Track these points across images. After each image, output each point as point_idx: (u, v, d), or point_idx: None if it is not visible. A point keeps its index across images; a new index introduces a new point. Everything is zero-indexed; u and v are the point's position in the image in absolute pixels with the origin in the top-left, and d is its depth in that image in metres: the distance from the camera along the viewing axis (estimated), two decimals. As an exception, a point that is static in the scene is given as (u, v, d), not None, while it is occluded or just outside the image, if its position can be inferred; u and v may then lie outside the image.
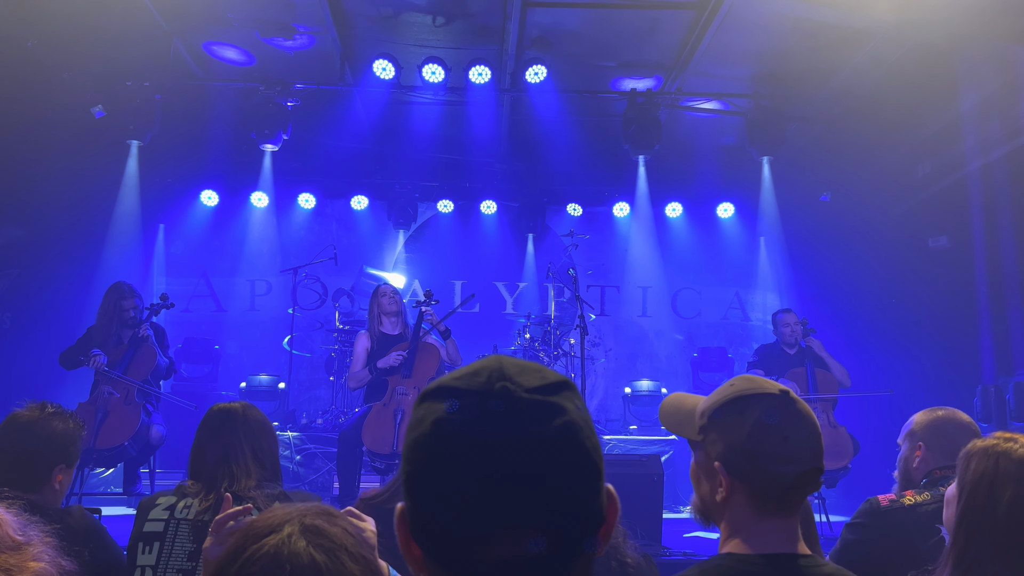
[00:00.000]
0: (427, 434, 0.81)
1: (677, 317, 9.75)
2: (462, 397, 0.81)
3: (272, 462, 2.39)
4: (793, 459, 1.41)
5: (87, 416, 5.18)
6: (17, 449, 2.24)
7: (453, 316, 9.19)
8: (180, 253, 9.33)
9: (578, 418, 0.82)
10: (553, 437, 0.79)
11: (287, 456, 6.82)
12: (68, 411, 2.38)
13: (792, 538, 1.44)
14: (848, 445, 5.88)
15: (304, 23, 7.02)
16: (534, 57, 7.35)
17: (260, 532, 1.04)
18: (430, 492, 0.79)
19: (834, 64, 7.10)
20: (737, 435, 1.43)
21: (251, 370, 8.22)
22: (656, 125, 7.62)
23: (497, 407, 0.79)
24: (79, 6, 6.31)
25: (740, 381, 1.53)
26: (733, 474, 1.44)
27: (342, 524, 1.09)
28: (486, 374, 0.83)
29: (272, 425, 2.47)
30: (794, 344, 6.49)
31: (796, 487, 1.42)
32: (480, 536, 0.77)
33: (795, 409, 1.45)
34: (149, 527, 2.21)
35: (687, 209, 9.58)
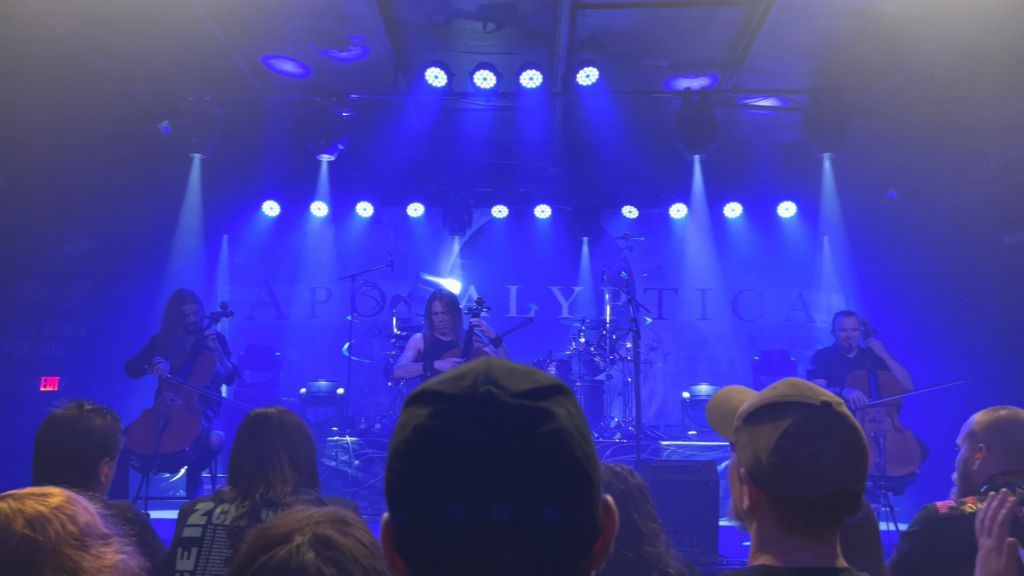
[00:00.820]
0: (407, 440, 0.77)
1: (738, 320, 9.54)
2: (445, 401, 0.78)
3: (309, 467, 2.39)
4: (819, 478, 1.29)
5: (150, 422, 5.35)
6: (62, 448, 2.31)
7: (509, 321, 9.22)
8: (243, 262, 9.57)
9: (568, 424, 0.78)
10: (539, 444, 0.75)
11: (346, 461, 6.91)
12: (104, 406, 2.45)
13: (827, 556, 1.34)
14: (915, 450, 5.65)
15: (358, 34, 7.13)
16: (585, 59, 7.29)
17: (271, 541, 1.03)
18: (410, 501, 0.76)
19: (897, 55, 6.84)
20: (764, 444, 1.33)
21: (311, 376, 8.36)
22: (711, 124, 7.49)
23: (480, 412, 0.76)
24: (144, 25, 6.53)
25: (784, 385, 1.42)
26: (758, 484, 1.35)
27: (355, 534, 1.08)
28: (471, 377, 0.79)
29: (309, 431, 2.48)
30: (852, 348, 6.27)
31: (822, 508, 1.30)
32: (462, 548, 0.74)
33: (833, 424, 1.32)
34: (188, 532, 2.25)
35: (747, 209, 9.37)
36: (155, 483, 6.57)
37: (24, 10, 6.19)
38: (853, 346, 6.30)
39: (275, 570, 0.99)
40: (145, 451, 5.24)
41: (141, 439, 5.31)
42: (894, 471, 5.64)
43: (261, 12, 6.81)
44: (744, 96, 7.83)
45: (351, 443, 6.96)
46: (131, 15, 6.38)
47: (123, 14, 6.36)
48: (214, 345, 5.83)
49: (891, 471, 5.63)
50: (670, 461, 6.32)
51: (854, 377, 6.02)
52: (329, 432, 7.18)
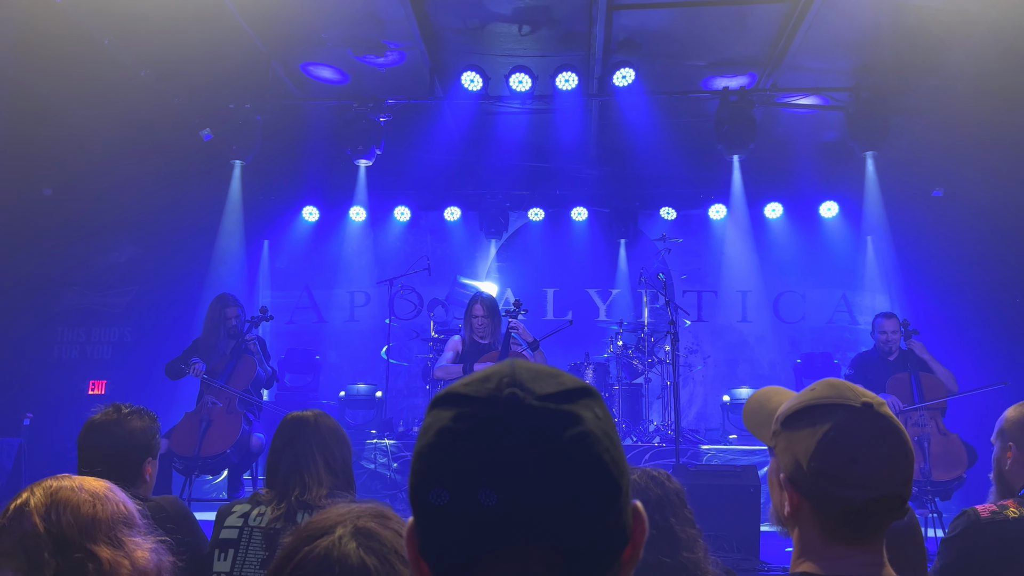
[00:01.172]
0: (430, 444, 0.76)
1: (779, 322, 9.40)
2: (469, 404, 0.76)
3: (344, 470, 2.40)
4: (862, 484, 1.23)
5: (192, 425, 5.44)
6: (105, 451, 2.35)
7: (546, 324, 9.19)
8: (283, 267, 9.70)
9: (596, 428, 0.75)
10: (565, 448, 0.73)
11: (384, 464, 6.95)
12: (142, 407, 2.49)
13: (873, 563, 1.29)
14: (961, 454, 5.48)
15: (394, 39, 7.18)
16: (621, 60, 7.25)
17: (313, 534, 1.07)
18: (433, 507, 0.74)
19: (941, 50, 6.68)
20: (804, 449, 1.28)
21: (350, 379, 8.43)
22: (751, 123, 7.39)
23: (504, 416, 0.74)
24: (186, 35, 6.66)
25: (822, 386, 1.36)
26: (799, 489, 1.30)
27: (394, 527, 1.10)
28: (496, 379, 0.77)
29: (345, 433, 2.49)
30: (892, 351, 6.12)
31: (866, 515, 1.25)
32: (486, 555, 0.72)
33: (875, 426, 1.27)
34: (225, 534, 2.27)
35: (787, 209, 9.22)
36: (197, 485, 6.67)
37: (71, 22, 6.35)
38: (893, 348, 6.16)
39: (318, 560, 1.01)
40: (187, 453, 5.33)
41: (183, 441, 5.41)
42: (940, 476, 5.48)
43: (300, 20, 6.91)
44: (784, 95, 7.72)
45: (389, 446, 7.00)
46: (173, 26, 6.51)
47: (166, 25, 6.50)
48: (255, 348, 5.92)
49: (937, 476, 5.48)
50: (710, 465, 6.25)
51: (895, 380, 5.86)
52: (368, 435, 7.23)
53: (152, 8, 6.32)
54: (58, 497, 1.42)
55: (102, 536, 1.41)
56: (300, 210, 9.43)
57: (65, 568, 1.36)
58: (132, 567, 1.41)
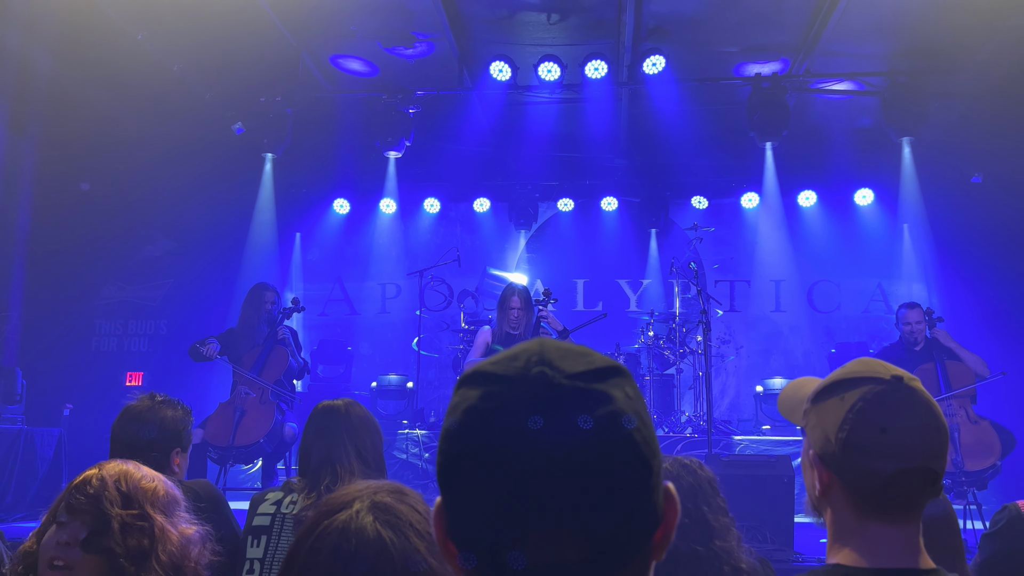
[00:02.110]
0: (458, 423, 0.75)
1: (814, 311, 9.27)
2: (496, 383, 0.74)
3: (376, 459, 2.41)
4: (891, 454, 1.22)
5: (226, 415, 5.52)
6: (136, 438, 2.39)
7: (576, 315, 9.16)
8: (316, 259, 9.78)
9: (626, 407, 0.74)
10: (594, 428, 0.71)
11: (416, 454, 6.98)
12: (175, 399, 2.52)
13: (910, 549, 1.26)
14: (994, 441, 5.31)
15: (423, 30, 7.19)
16: (651, 48, 7.18)
17: (332, 508, 1.12)
18: (460, 487, 0.74)
19: (980, 33, 6.52)
20: (833, 422, 1.27)
21: (382, 370, 8.49)
22: (783, 110, 7.28)
23: (533, 394, 0.72)
24: (217, 29, 6.73)
25: (853, 363, 1.36)
26: (829, 466, 1.29)
27: (410, 501, 1.15)
28: (524, 358, 0.75)
29: (376, 422, 2.50)
30: (918, 341, 6.00)
31: (896, 487, 1.23)
32: (513, 538, 0.71)
33: (904, 398, 1.26)
34: (258, 521, 2.30)
35: (821, 197, 9.08)
36: (232, 475, 6.78)
37: (105, 18, 6.44)
38: (919, 339, 6.03)
39: (337, 532, 1.05)
40: (222, 443, 5.41)
41: (218, 431, 5.49)
42: (972, 465, 5.35)
43: (329, 12, 6.94)
44: (818, 80, 7.59)
45: (421, 436, 7.03)
46: (205, 20, 6.58)
47: (197, 20, 6.57)
48: (287, 339, 5.98)
49: (969, 466, 5.34)
50: (743, 456, 6.19)
51: (922, 371, 5.73)
52: (399, 425, 7.28)
53: (184, 3, 6.39)
54: (125, 469, 1.66)
55: (159, 507, 1.62)
56: (331, 202, 9.49)
57: (128, 523, 1.56)
58: (179, 538, 1.61)
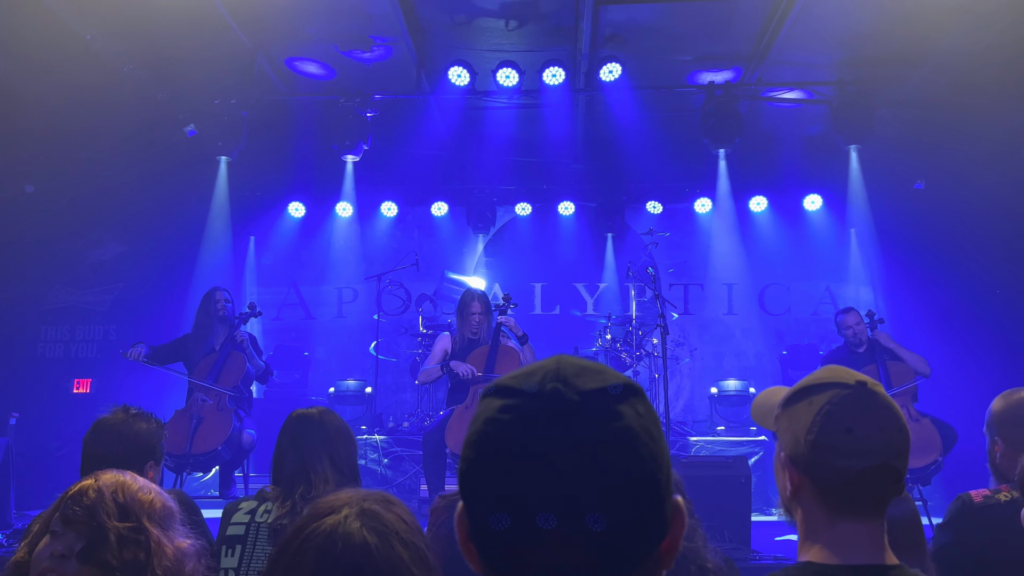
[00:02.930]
0: (478, 432, 0.80)
1: (765, 314, 9.48)
2: (515, 396, 0.80)
3: (350, 467, 2.41)
4: (856, 452, 1.31)
5: (183, 423, 5.42)
6: (109, 451, 2.35)
7: (534, 319, 9.22)
8: (270, 263, 9.65)
9: (636, 425, 0.78)
10: (602, 443, 0.76)
11: (375, 459, 6.95)
12: (149, 412, 2.50)
13: (875, 545, 1.34)
14: (935, 438, 5.48)
15: (380, 34, 7.16)
16: (608, 55, 7.28)
17: (321, 512, 1.14)
18: (479, 492, 0.79)
19: (925, 44, 6.76)
20: (803, 425, 1.36)
21: (339, 375, 8.42)
22: (736, 118, 7.44)
23: (546, 409, 0.77)
24: (170, 30, 6.62)
25: (821, 371, 1.46)
26: (799, 466, 1.37)
27: (397, 511, 1.18)
28: (541, 374, 0.81)
29: (351, 430, 2.50)
30: (862, 342, 6.21)
31: (861, 484, 1.31)
32: (528, 541, 0.75)
33: (868, 401, 1.35)
34: (232, 531, 2.28)
35: (772, 202, 9.31)
36: (188, 483, 6.66)
37: (53, 17, 6.28)
38: (862, 340, 6.25)
39: (324, 536, 1.08)
40: (179, 451, 5.31)
41: (174, 439, 5.37)
42: (915, 462, 5.51)
43: (285, 14, 6.87)
44: (769, 89, 7.78)
45: (380, 441, 7.00)
46: (157, 20, 6.46)
47: (149, 19, 6.44)
48: (244, 345, 5.90)
49: (912, 463, 5.51)
50: (700, 457, 6.31)
51: (865, 372, 5.90)
52: (358, 431, 7.22)
53: (136, 3, 6.26)
54: (122, 480, 1.63)
55: (155, 518, 1.60)
56: (286, 206, 9.39)
57: (125, 536, 1.54)
58: (174, 552, 1.59)
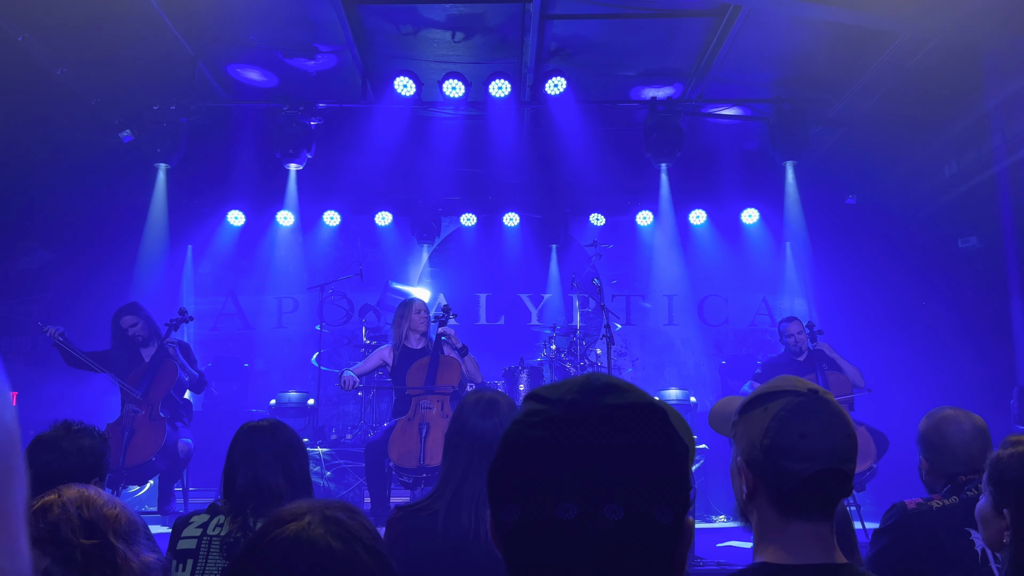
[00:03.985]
0: (509, 431, 0.85)
1: (704, 325, 9.68)
2: (543, 403, 0.85)
3: (304, 480, 2.38)
4: (808, 456, 1.37)
5: (115, 435, 5.26)
6: (50, 469, 2.28)
7: (479, 329, 9.23)
8: (208, 272, 9.44)
9: (650, 441, 0.82)
10: (616, 455, 0.80)
11: (317, 472, 6.85)
12: (92, 426, 2.42)
13: (826, 546, 1.40)
14: (870, 445, 5.72)
15: (325, 43, 7.11)
16: (553, 69, 7.37)
17: (284, 519, 1.14)
18: (504, 486, 0.83)
19: (856, 65, 7.04)
20: (758, 430, 1.42)
21: (280, 387, 8.27)
22: (677, 133, 7.61)
23: (566, 418, 0.82)
24: (107, 33, 6.44)
25: (776, 380, 1.52)
26: (754, 470, 1.43)
27: (361, 520, 1.19)
28: (568, 386, 0.86)
29: (303, 442, 2.47)
30: (802, 351, 6.41)
31: (813, 486, 1.38)
32: (549, 531, 0.79)
33: (820, 408, 1.42)
34: (183, 544, 2.23)
35: (711, 216, 9.53)
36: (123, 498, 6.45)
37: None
38: (802, 349, 6.45)
39: (287, 541, 1.07)
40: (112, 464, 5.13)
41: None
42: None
43: (227, 20, 6.76)
44: (709, 105, 7.98)
45: (322, 454, 6.91)
46: (93, 23, 6.29)
47: (84, 22, 6.27)
48: (174, 353, 5.75)
49: None
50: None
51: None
52: (300, 443, 7.11)
53: (70, 4, 6.08)
54: (86, 495, 1.57)
55: (120, 534, 1.55)
56: (225, 214, 9.21)
57: (91, 552, 1.49)
58: (140, 567, 1.55)
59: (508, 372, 7.69)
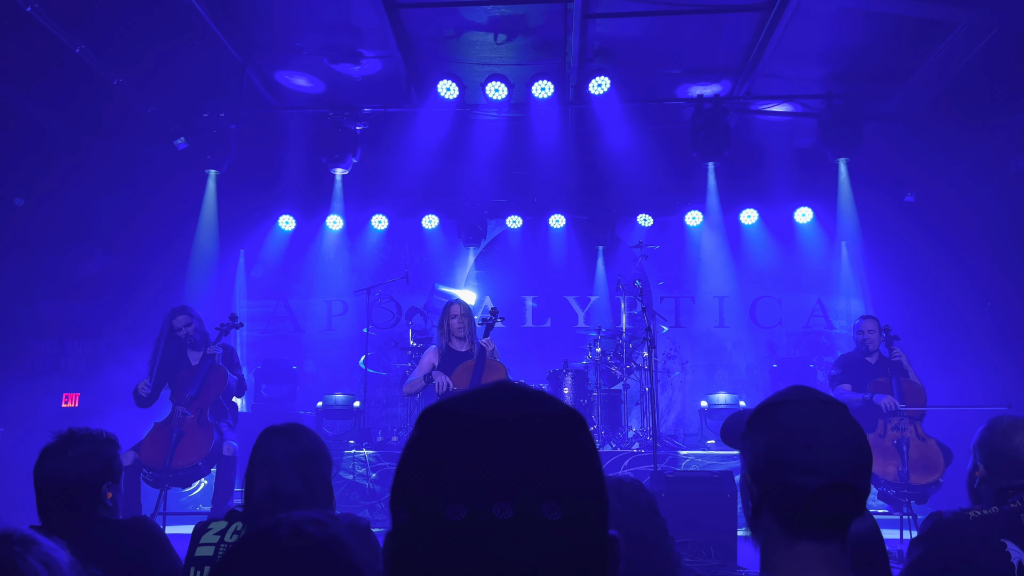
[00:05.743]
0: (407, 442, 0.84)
1: (756, 327, 9.47)
2: (445, 412, 0.83)
3: (323, 487, 2.34)
4: (814, 470, 1.27)
5: (163, 436, 5.36)
6: (61, 479, 2.31)
7: (525, 332, 9.19)
8: (260, 277, 9.62)
9: (585, 440, 0.79)
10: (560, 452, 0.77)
11: (363, 474, 6.91)
12: (97, 431, 2.44)
13: (836, 568, 1.30)
14: (939, 458, 5.56)
15: (370, 48, 7.18)
16: (597, 69, 7.29)
17: (258, 532, 1.12)
18: (432, 486, 0.79)
19: (912, 58, 6.78)
20: (764, 442, 1.33)
21: (328, 389, 8.38)
22: (725, 131, 7.45)
23: (462, 424, 0.79)
24: (159, 44, 6.62)
25: (786, 390, 1.42)
26: (760, 484, 1.34)
27: (332, 532, 1.16)
28: (476, 395, 0.82)
29: (326, 448, 2.44)
30: (873, 352, 6.19)
31: (820, 503, 1.28)
32: (484, 532, 0.74)
33: (830, 419, 1.32)
34: (200, 551, 2.23)
35: (762, 215, 9.31)
36: (175, 499, 6.60)
37: (42, 31, 6.28)
38: (872, 349, 6.23)
39: (252, 539, 1.08)
40: (158, 465, 5.24)
41: (154, 453, 5.31)
42: (917, 479, 5.56)
43: (274, 28, 6.89)
44: (757, 102, 7.80)
45: (368, 456, 6.96)
46: (146, 34, 6.47)
47: (138, 33, 6.45)
48: (214, 352, 5.82)
49: (914, 479, 5.56)
50: (687, 472, 6.27)
51: (876, 384, 5.94)
52: (346, 445, 7.19)
53: (125, 16, 6.27)
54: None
55: None
56: (276, 219, 9.38)
57: None
58: None
59: (552, 375, 7.63)
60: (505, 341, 7.24)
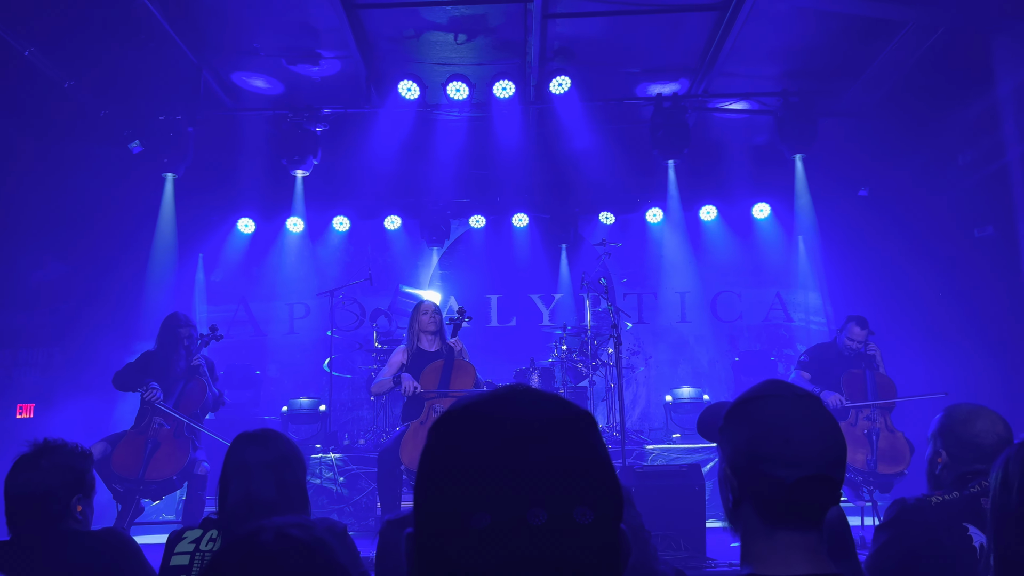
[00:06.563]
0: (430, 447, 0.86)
1: (717, 321, 9.61)
2: (467, 416, 0.85)
3: (298, 492, 2.33)
4: (793, 462, 1.32)
5: (137, 446, 5.23)
6: (31, 490, 2.28)
7: (490, 331, 9.21)
8: (219, 280, 9.49)
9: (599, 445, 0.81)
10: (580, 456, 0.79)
11: (330, 478, 6.86)
12: (72, 444, 2.41)
13: (814, 556, 1.34)
14: (905, 451, 5.78)
15: (329, 48, 7.12)
16: (557, 68, 7.33)
17: (240, 539, 1.12)
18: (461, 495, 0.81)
19: (864, 55, 6.95)
20: (743, 436, 1.37)
21: (292, 393, 8.30)
22: (684, 129, 7.55)
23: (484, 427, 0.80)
24: (113, 45, 6.48)
25: (763, 384, 1.46)
26: (739, 477, 1.38)
27: (318, 535, 1.17)
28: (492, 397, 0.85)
29: (300, 453, 2.42)
30: (856, 354, 6.28)
31: (799, 494, 1.32)
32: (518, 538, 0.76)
33: (807, 412, 1.36)
34: (176, 560, 2.21)
35: (721, 211, 9.46)
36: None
37: (-11, 33, 6.12)
38: (859, 354, 6.28)
39: (236, 545, 1.07)
40: (131, 475, 5.11)
41: (127, 462, 5.16)
42: (884, 469, 5.74)
43: (230, 29, 6.80)
44: (715, 100, 7.92)
45: (335, 460, 6.91)
46: (98, 36, 6.33)
47: (91, 35, 6.31)
48: (203, 371, 5.73)
49: (882, 469, 5.74)
50: (655, 466, 6.35)
51: (850, 375, 6.05)
52: (312, 449, 7.13)
53: (76, 18, 6.13)
54: None
55: None
56: (235, 222, 9.25)
57: None
58: None
59: (519, 373, 7.66)
60: (471, 340, 7.24)
